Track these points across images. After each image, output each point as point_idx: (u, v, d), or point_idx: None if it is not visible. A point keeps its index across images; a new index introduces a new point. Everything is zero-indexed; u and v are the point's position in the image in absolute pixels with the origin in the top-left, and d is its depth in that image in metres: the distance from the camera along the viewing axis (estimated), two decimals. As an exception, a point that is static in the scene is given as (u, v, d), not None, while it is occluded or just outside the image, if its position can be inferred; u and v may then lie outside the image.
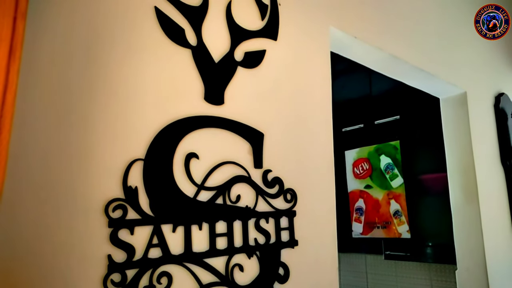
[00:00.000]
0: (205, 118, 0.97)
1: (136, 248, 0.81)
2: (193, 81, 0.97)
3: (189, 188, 0.91)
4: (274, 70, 1.17)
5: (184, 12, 0.98)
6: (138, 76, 0.88)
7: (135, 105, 0.86)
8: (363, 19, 1.54)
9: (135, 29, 0.89)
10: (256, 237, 1.03)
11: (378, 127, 2.95)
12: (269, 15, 1.18)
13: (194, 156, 0.93)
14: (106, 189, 0.80)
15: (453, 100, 2.22)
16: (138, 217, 0.83)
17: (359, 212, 3.02)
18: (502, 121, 2.42)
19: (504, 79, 2.65)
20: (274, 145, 1.12)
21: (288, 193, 1.13)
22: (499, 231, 2.22)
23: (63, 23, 0.80)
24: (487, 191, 2.17)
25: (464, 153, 2.16)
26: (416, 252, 2.67)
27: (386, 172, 2.85)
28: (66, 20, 0.80)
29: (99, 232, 0.78)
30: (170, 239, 0.87)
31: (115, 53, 0.85)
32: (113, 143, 0.82)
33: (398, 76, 1.90)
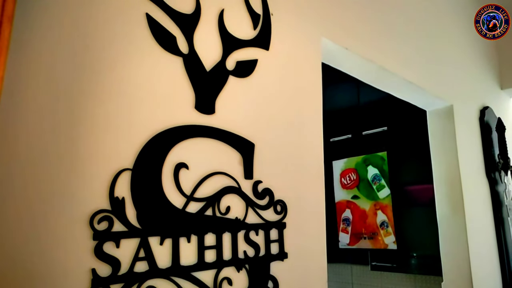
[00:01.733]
0: (196, 127, 0.95)
1: (121, 262, 0.78)
2: (184, 90, 0.95)
3: (178, 199, 0.89)
4: (266, 80, 1.16)
5: (176, 19, 0.96)
6: (127, 84, 0.85)
7: (124, 114, 0.84)
8: (354, 31, 1.55)
9: (125, 36, 0.87)
10: (245, 249, 1.00)
11: (366, 137, 2.98)
12: (261, 25, 1.17)
13: (184, 166, 0.91)
14: (91, 200, 0.76)
15: (440, 112, 2.25)
16: (125, 229, 0.80)
17: (346, 223, 3.02)
18: (486, 134, 2.46)
19: (488, 93, 2.71)
20: (265, 155, 1.11)
21: (278, 205, 1.11)
22: (484, 243, 2.24)
23: (51, 28, 0.77)
24: (473, 203, 2.20)
25: (450, 165, 2.19)
26: (402, 263, 2.68)
27: (373, 182, 2.87)
28: (55, 25, 0.77)
29: (83, 245, 0.75)
30: (158, 252, 0.84)
31: (104, 59, 0.83)
32: (100, 152, 0.79)
33: (387, 88, 1.91)
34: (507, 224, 2.45)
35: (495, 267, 2.30)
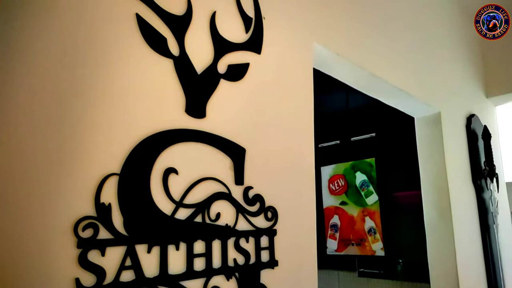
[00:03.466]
0: (186, 131, 0.93)
1: (107, 271, 0.75)
2: (174, 93, 0.93)
3: (167, 205, 0.86)
4: (258, 84, 1.14)
5: (167, 21, 0.94)
6: (115, 86, 0.82)
7: (112, 117, 0.81)
8: (346, 37, 1.55)
9: (114, 37, 0.84)
10: (235, 257, 0.98)
11: (354, 144, 2.98)
12: (253, 28, 1.16)
13: (173, 172, 0.88)
14: (76, 206, 0.73)
15: (428, 119, 2.27)
16: (111, 237, 0.76)
17: (334, 229, 3.01)
18: (473, 142, 2.49)
19: (475, 101, 2.75)
20: (256, 161, 1.09)
21: (269, 211, 1.09)
22: (471, 250, 2.25)
23: (40, 28, 0.74)
24: (460, 209, 2.21)
25: (438, 172, 2.20)
26: (390, 270, 2.68)
27: (361, 189, 2.87)
28: (43, 25, 0.74)
29: (67, 253, 0.71)
30: (145, 261, 0.81)
31: (92, 61, 0.80)
32: (86, 156, 0.76)
33: (377, 94, 1.92)
34: (492, 231, 2.47)
35: (481, 274, 2.31)
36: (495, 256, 2.42)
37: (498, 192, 2.71)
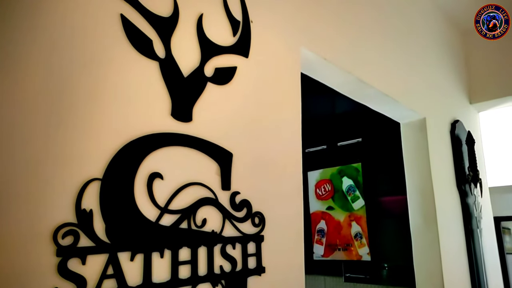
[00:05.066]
0: (172, 135, 0.91)
1: (87, 280, 0.72)
2: (160, 96, 0.90)
3: (151, 211, 0.84)
4: (245, 88, 1.13)
5: (152, 22, 0.92)
6: (98, 88, 0.80)
7: (94, 119, 0.78)
8: (333, 42, 1.55)
9: (97, 38, 0.82)
10: (222, 264, 0.96)
11: (341, 148, 2.99)
12: (241, 32, 1.14)
13: (158, 177, 0.86)
14: (56, 212, 0.70)
15: (413, 125, 2.29)
16: (92, 244, 0.74)
17: (320, 234, 3.01)
18: (457, 147, 2.52)
19: (459, 107, 2.79)
20: (243, 165, 1.07)
21: (256, 217, 1.07)
22: (455, 254, 2.27)
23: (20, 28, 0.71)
24: (445, 214, 2.23)
25: (423, 177, 2.22)
26: (376, 275, 2.68)
27: (348, 194, 2.87)
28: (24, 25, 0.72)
29: (46, 261, 0.68)
30: (128, 269, 0.78)
31: (75, 61, 0.77)
32: (67, 161, 0.73)
33: (364, 100, 1.93)
34: (476, 236, 2.50)
35: (466, 278, 2.33)
36: (479, 260, 2.45)
37: (482, 197, 2.75)
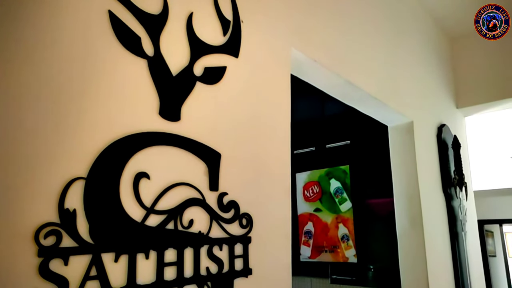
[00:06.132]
0: (159, 134, 0.89)
1: (70, 281, 0.70)
2: (148, 94, 0.89)
3: (137, 211, 0.82)
4: (234, 88, 1.12)
5: (141, 19, 0.91)
6: (83, 84, 0.78)
7: (79, 117, 0.76)
8: (324, 44, 1.55)
9: (84, 34, 0.80)
10: (208, 266, 0.95)
11: (329, 151, 3.00)
12: (231, 31, 1.13)
13: (145, 176, 0.85)
14: (38, 211, 0.68)
15: (401, 128, 2.31)
16: (75, 245, 0.72)
17: (307, 236, 3.01)
18: (443, 151, 2.55)
19: (445, 111, 2.83)
20: (231, 166, 1.06)
21: (244, 218, 1.07)
22: (441, 257, 2.30)
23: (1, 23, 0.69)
24: (431, 217, 2.25)
25: (410, 180, 2.24)
26: (362, 277, 2.69)
27: (335, 196, 2.88)
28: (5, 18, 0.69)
29: (26, 262, 0.66)
30: (111, 270, 0.76)
31: (60, 57, 0.75)
32: (50, 158, 0.71)
33: (352, 102, 1.94)
34: (461, 238, 2.53)
35: (450, 280, 2.36)
36: (463, 262, 2.48)
37: (467, 200, 2.79)
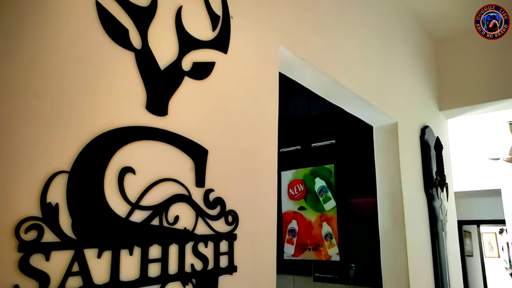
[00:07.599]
0: (145, 129, 0.88)
1: (51, 277, 0.69)
2: (135, 88, 0.87)
3: (121, 207, 0.81)
4: (223, 84, 1.11)
5: (129, 11, 0.89)
6: (68, 76, 0.76)
7: (63, 110, 0.74)
8: (312, 43, 1.56)
9: (70, 24, 0.78)
10: (193, 262, 0.94)
11: (314, 150, 3.02)
12: (220, 27, 1.12)
13: (130, 171, 0.83)
14: (19, 205, 0.66)
15: (385, 129, 2.34)
16: (57, 240, 0.70)
17: (291, 234, 3.03)
18: (426, 152, 2.59)
19: (429, 113, 2.87)
20: (218, 163, 1.05)
21: (230, 215, 1.06)
22: (422, 255, 2.34)
23: (-20, 4, 0.67)
24: (413, 217, 2.29)
25: (393, 180, 2.27)
26: (344, 275, 2.72)
27: (320, 194, 2.91)
28: (-15, 1, 0.67)
29: (6, 257, 0.64)
30: (94, 266, 0.75)
31: (44, 47, 0.73)
32: (33, 151, 0.69)
33: (339, 102, 1.95)
34: (441, 238, 2.58)
35: (430, 278, 2.41)
36: (443, 261, 2.53)
37: (448, 201, 2.84)
